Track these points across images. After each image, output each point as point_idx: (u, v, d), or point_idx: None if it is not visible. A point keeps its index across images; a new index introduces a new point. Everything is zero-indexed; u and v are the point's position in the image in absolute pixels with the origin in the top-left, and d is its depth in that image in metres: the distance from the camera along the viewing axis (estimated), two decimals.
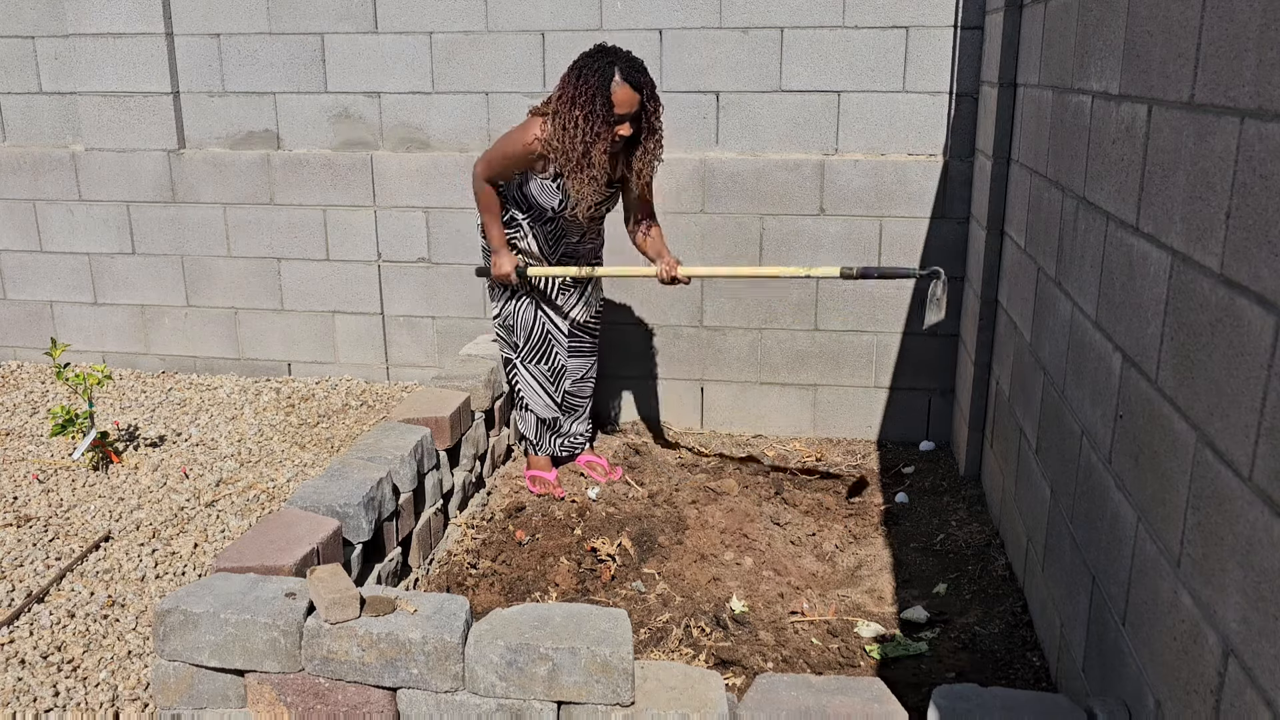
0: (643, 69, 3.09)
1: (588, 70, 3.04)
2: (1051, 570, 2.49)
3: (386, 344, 4.52)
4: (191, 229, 4.55)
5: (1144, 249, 1.88)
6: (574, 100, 3.03)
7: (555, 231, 3.38)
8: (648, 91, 3.09)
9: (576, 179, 3.11)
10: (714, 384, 4.19)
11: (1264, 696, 1.31)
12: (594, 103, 3.02)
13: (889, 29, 3.76)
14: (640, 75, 3.07)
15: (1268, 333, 1.35)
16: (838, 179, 3.88)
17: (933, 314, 3.00)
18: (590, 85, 3.02)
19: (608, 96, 3.02)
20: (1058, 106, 2.62)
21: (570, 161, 3.08)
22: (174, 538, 3.18)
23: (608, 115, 3.03)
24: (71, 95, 4.57)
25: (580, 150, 3.05)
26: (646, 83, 3.09)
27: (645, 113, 3.11)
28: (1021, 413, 2.92)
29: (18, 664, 2.50)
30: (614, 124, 3.06)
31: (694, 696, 1.87)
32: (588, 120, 3.02)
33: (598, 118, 3.02)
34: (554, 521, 3.31)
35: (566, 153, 3.07)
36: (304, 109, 4.34)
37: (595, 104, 3.02)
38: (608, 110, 3.03)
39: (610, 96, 3.02)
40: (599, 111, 3.02)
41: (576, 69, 3.07)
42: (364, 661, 1.94)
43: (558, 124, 3.07)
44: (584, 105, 3.02)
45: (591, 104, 3.02)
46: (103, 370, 3.76)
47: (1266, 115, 1.37)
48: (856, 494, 3.63)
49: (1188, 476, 1.61)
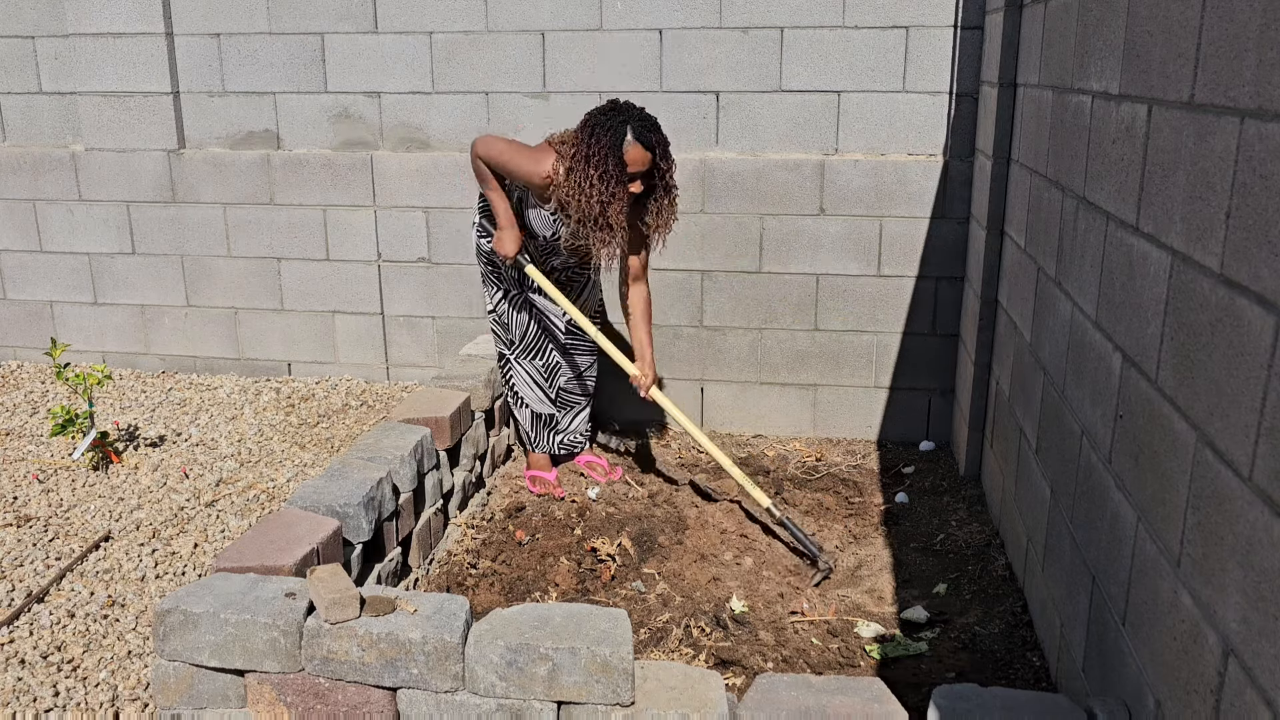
0: (655, 127, 3.09)
1: (600, 129, 3.04)
2: (1051, 570, 2.49)
3: (386, 344, 4.52)
4: (191, 229, 4.55)
5: (1144, 249, 1.88)
6: (588, 159, 3.03)
7: (547, 248, 3.40)
8: (660, 150, 3.09)
9: (595, 237, 3.11)
10: (714, 384, 4.19)
11: (1264, 696, 1.31)
12: (607, 162, 3.01)
13: (889, 29, 3.76)
14: (652, 134, 3.06)
15: (1268, 333, 1.35)
16: (838, 179, 3.88)
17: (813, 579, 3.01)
18: (603, 144, 3.02)
19: (620, 156, 3.02)
20: (1058, 106, 2.62)
21: (588, 220, 3.08)
22: (174, 538, 3.18)
23: (620, 175, 3.03)
24: (71, 95, 4.57)
25: (597, 210, 3.05)
26: (659, 141, 3.09)
27: (658, 171, 3.11)
28: (1021, 413, 2.92)
29: (18, 664, 2.50)
30: (626, 182, 3.06)
31: (694, 696, 1.87)
32: (603, 180, 3.02)
33: (611, 178, 3.02)
34: (554, 521, 3.31)
35: (583, 211, 3.07)
36: (304, 109, 4.34)
37: (609, 164, 3.01)
38: (621, 170, 3.03)
39: (622, 156, 3.02)
40: (612, 172, 3.02)
41: (590, 127, 3.07)
42: (364, 661, 1.94)
43: (573, 180, 3.06)
44: (598, 165, 3.02)
45: (605, 163, 3.01)
46: (103, 370, 3.76)
47: (1266, 115, 1.37)
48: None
49: (1188, 476, 1.61)
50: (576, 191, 3.05)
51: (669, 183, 3.16)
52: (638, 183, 3.09)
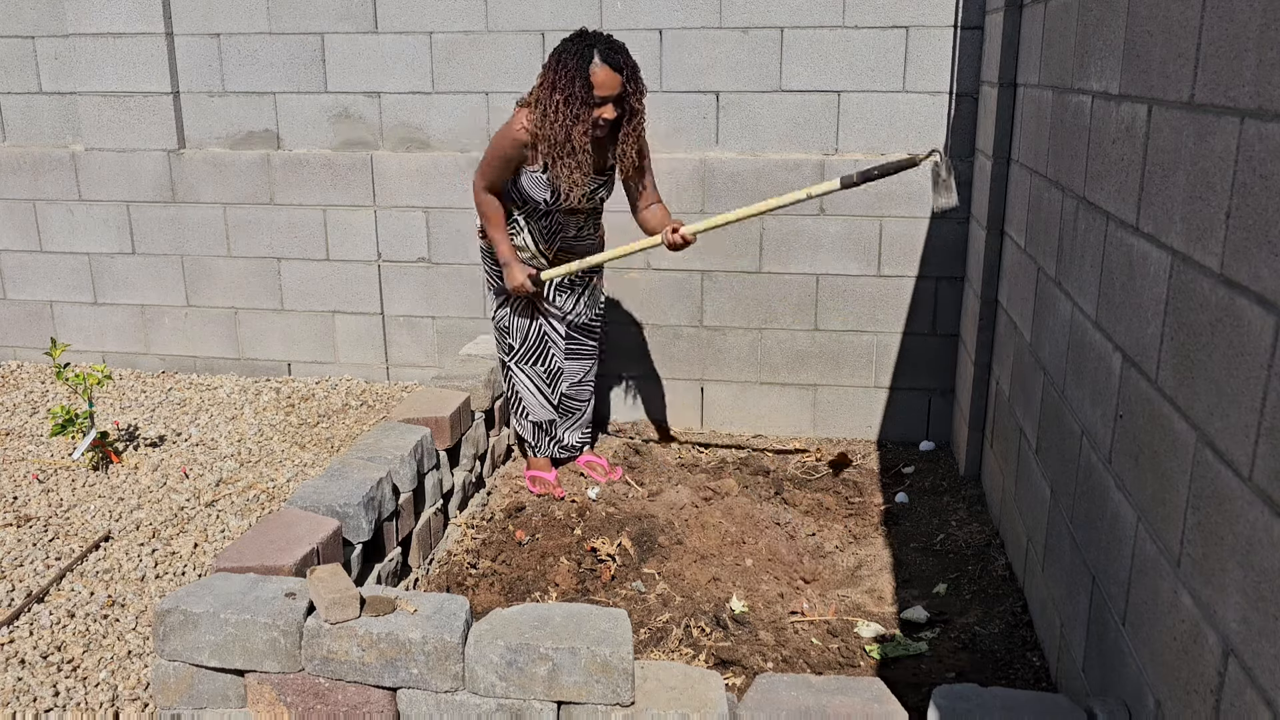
0: (623, 50, 3.06)
1: (567, 54, 3.03)
2: (1051, 570, 2.49)
3: (386, 344, 4.52)
4: (191, 229, 4.55)
5: (1144, 249, 1.88)
6: (554, 85, 3.01)
7: (551, 226, 3.36)
8: (628, 73, 3.05)
9: (562, 165, 3.08)
10: (714, 384, 4.19)
11: (1264, 696, 1.31)
12: (573, 85, 2.99)
13: (889, 29, 3.76)
14: (620, 56, 3.04)
15: (1268, 333, 1.35)
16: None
17: (941, 197, 2.83)
18: (569, 68, 3.00)
19: (587, 78, 2.99)
20: (1058, 106, 2.62)
21: (553, 147, 3.06)
22: (174, 538, 3.18)
23: (587, 97, 3.00)
24: (71, 95, 4.57)
25: (562, 135, 3.02)
26: (627, 64, 3.05)
27: (626, 94, 3.08)
28: (1021, 413, 2.92)
29: (18, 664, 2.50)
30: (594, 105, 3.03)
31: (694, 696, 1.87)
32: (568, 104, 3.00)
33: (577, 100, 3.00)
34: (554, 521, 3.31)
35: (549, 139, 3.05)
36: (304, 109, 4.34)
37: (574, 86, 2.99)
38: (587, 92, 3.00)
39: (590, 78, 2.99)
40: (578, 94, 3.00)
41: (556, 54, 3.06)
42: (364, 661, 1.94)
43: (539, 111, 3.05)
44: (563, 89, 3.00)
45: (570, 86, 2.99)
46: (103, 370, 3.76)
47: (1266, 115, 1.37)
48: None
49: (1188, 476, 1.61)
50: (543, 120, 3.03)
51: (635, 107, 3.11)
52: (609, 107, 3.05)
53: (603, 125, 3.09)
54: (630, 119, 3.14)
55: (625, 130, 3.15)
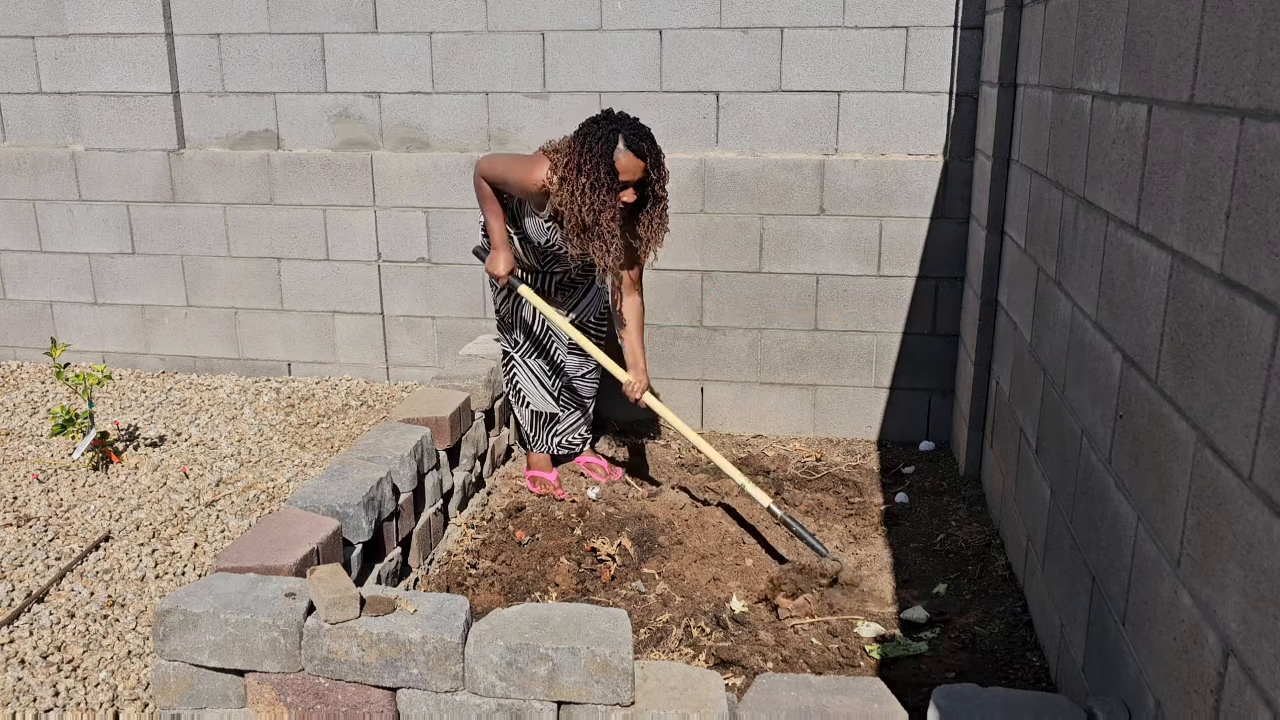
0: (648, 136, 3.07)
1: (591, 138, 3.02)
2: (1051, 570, 2.49)
3: (386, 344, 4.52)
4: (191, 229, 4.55)
5: (1144, 249, 1.88)
6: (580, 168, 3.01)
7: (547, 254, 3.39)
8: (652, 159, 3.06)
9: (591, 247, 3.09)
10: (714, 384, 4.19)
11: (1264, 696, 1.31)
12: (598, 171, 2.99)
13: (889, 29, 3.76)
14: (644, 143, 3.04)
15: (1268, 333, 1.35)
16: (838, 179, 3.88)
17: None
18: (594, 153, 3.00)
19: (611, 164, 3.00)
20: (1058, 106, 2.62)
21: (582, 229, 3.07)
22: (174, 538, 3.18)
23: (612, 184, 3.01)
24: (71, 95, 4.57)
25: (590, 219, 3.03)
26: (651, 150, 3.06)
27: (649, 180, 3.09)
28: (1021, 413, 2.92)
29: (18, 664, 2.50)
30: (618, 190, 3.04)
31: (694, 696, 1.87)
32: (594, 189, 3.00)
33: (603, 186, 3.00)
34: (554, 521, 3.31)
35: (577, 220, 3.05)
36: (304, 109, 4.34)
37: (599, 172, 2.99)
38: (612, 179, 3.00)
39: (614, 164, 3.00)
40: (604, 180, 2.99)
41: (581, 136, 3.05)
42: (364, 661, 1.94)
43: (565, 190, 3.05)
44: (589, 173, 2.99)
45: (596, 172, 2.99)
46: (103, 370, 3.76)
47: (1266, 115, 1.37)
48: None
49: (1188, 476, 1.61)
50: (569, 200, 3.04)
51: (659, 194, 3.13)
52: (630, 191, 3.07)
53: (623, 206, 3.10)
54: (654, 204, 3.14)
55: (649, 215, 3.15)
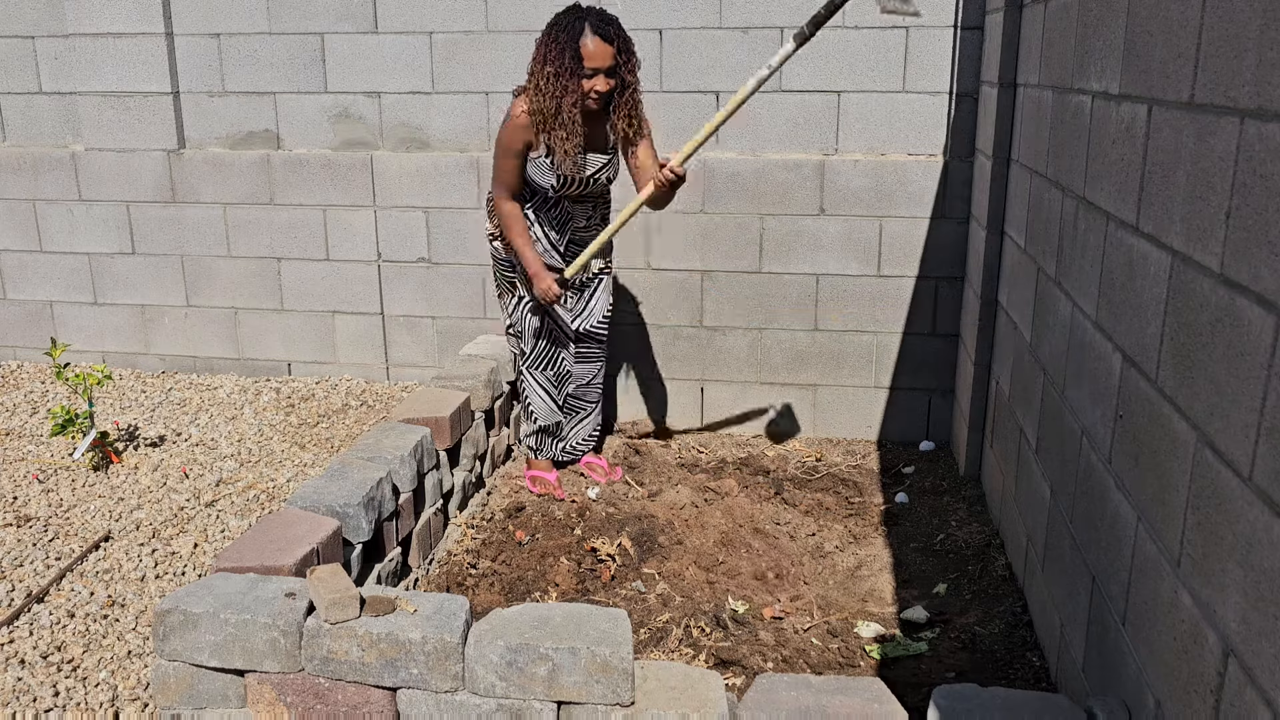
0: (615, 22, 3.06)
1: (558, 28, 3.03)
2: (1051, 570, 2.49)
3: (386, 344, 4.52)
4: (191, 229, 4.55)
5: (1144, 249, 1.88)
6: (545, 58, 3.02)
7: (560, 216, 3.34)
8: (619, 44, 3.05)
9: (554, 136, 3.07)
10: (714, 384, 4.19)
11: (1264, 696, 1.31)
12: (563, 57, 3.00)
13: (889, 29, 3.76)
14: (611, 28, 3.03)
15: (1268, 333, 1.35)
16: (838, 179, 3.88)
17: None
18: (560, 41, 3.01)
19: (576, 50, 3.00)
20: (1058, 106, 2.62)
21: (545, 120, 3.05)
22: (174, 538, 3.18)
23: (577, 69, 3.01)
24: (71, 95, 4.57)
25: (552, 106, 3.02)
26: (618, 35, 3.05)
27: (618, 66, 3.07)
28: (1021, 413, 2.92)
29: (18, 664, 2.50)
30: (584, 77, 3.02)
31: (694, 696, 1.87)
32: (558, 76, 3.00)
33: (567, 71, 3.00)
34: (554, 521, 3.31)
35: (541, 112, 3.05)
36: (304, 109, 4.34)
37: (565, 58, 3.00)
38: (577, 64, 3.00)
39: (580, 50, 3.00)
40: (568, 65, 3.00)
41: (549, 27, 3.06)
42: (364, 661, 1.94)
43: (532, 86, 3.06)
44: (554, 60, 3.00)
45: (561, 58, 3.00)
46: (103, 370, 3.76)
47: (1266, 115, 1.37)
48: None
49: (1188, 476, 1.61)
50: (536, 94, 3.04)
51: (627, 79, 3.10)
52: (600, 78, 3.04)
53: (595, 97, 3.08)
54: (623, 91, 3.12)
55: (617, 102, 3.14)
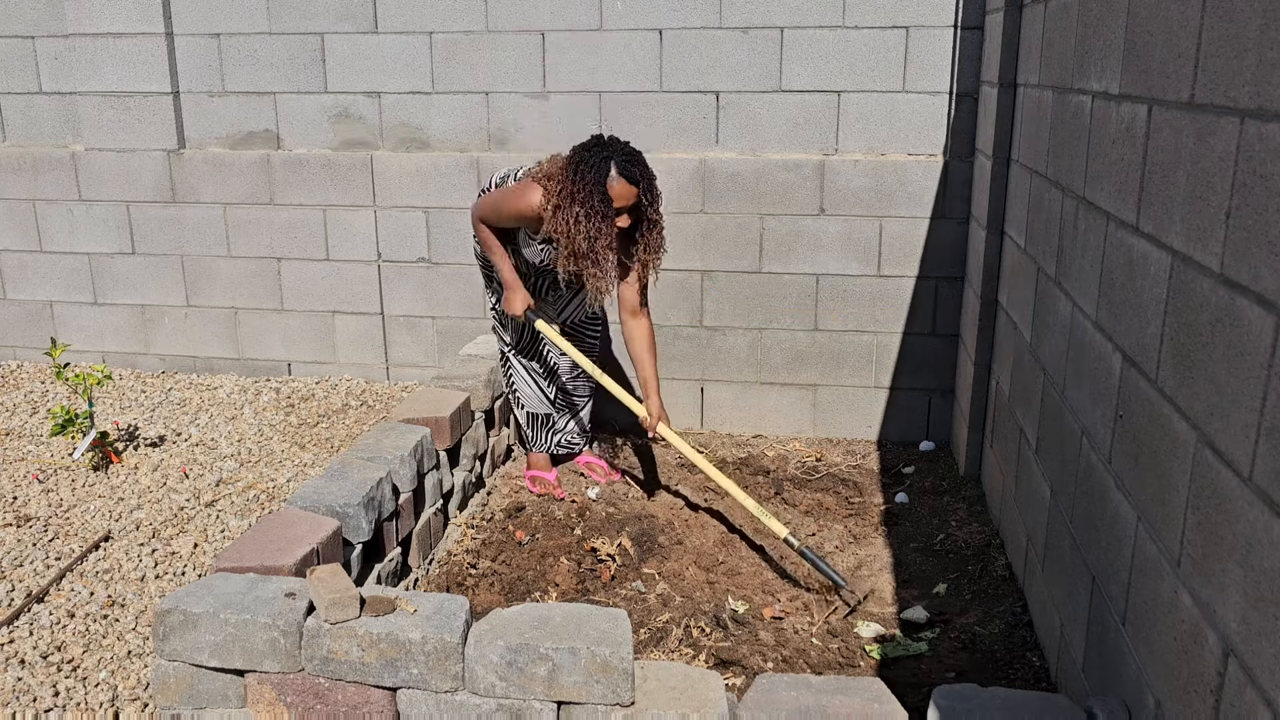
0: (640, 161, 3.06)
1: (585, 166, 3.01)
2: (1051, 570, 2.49)
3: (386, 344, 4.52)
4: (191, 229, 4.55)
5: (1144, 249, 1.88)
6: (574, 196, 3.00)
7: (541, 271, 3.40)
8: (644, 184, 3.05)
9: (587, 274, 3.09)
10: (714, 384, 4.19)
11: (1264, 696, 1.31)
12: (592, 199, 2.98)
13: (889, 29, 3.76)
14: (636, 169, 3.03)
15: (1268, 333, 1.35)
16: (838, 179, 3.88)
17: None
18: (588, 181, 2.99)
19: (605, 192, 2.99)
20: (1058, 106, 2.62)
21: (577, 256, 3.06)
22: (174, 538, 3.18)
23: (606, 210, 3.00)
24: (71, 95, 4.57)
25: (585, 247, 3.02)
26: (644, 174, 3.05)
27: (642, 205, 3.08)
28: (1021, 413, 2.92)
29: (18, 664, 2.50)
30: (612, 217, 3.03)
31: (694, 696, 1.87)
32: (589, 217, 2.99)
33: (598, 214, 2.99)
34: (554, 521, 3.31)
35: (573, 248, 3.05)
36: (304, 109, 4.34)
37: (594, 200, 2.98)
38: (606, 205, 3.00)
39: (607, 192, 2.99)
40: (598, 208, 2.99)
41: (574, 164, 3.04)
42: (364, 661, 1.94)
43: (560, 218, 3.04)
44: (584, 201, 2.99)
45: (590, 200, 2.98)
46: (103, 370, 3.76)
47: (1266, 115, 1.37)
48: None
49: (1188, 476, 1.61)
50: (564, 229, 3.03)
51: (653, 217, 3.12)
52: (624, 216, 3.07)
53: (617, 231, 3.09)
54: (649, 229, 3.13)
55: (644, 240, 3.14)
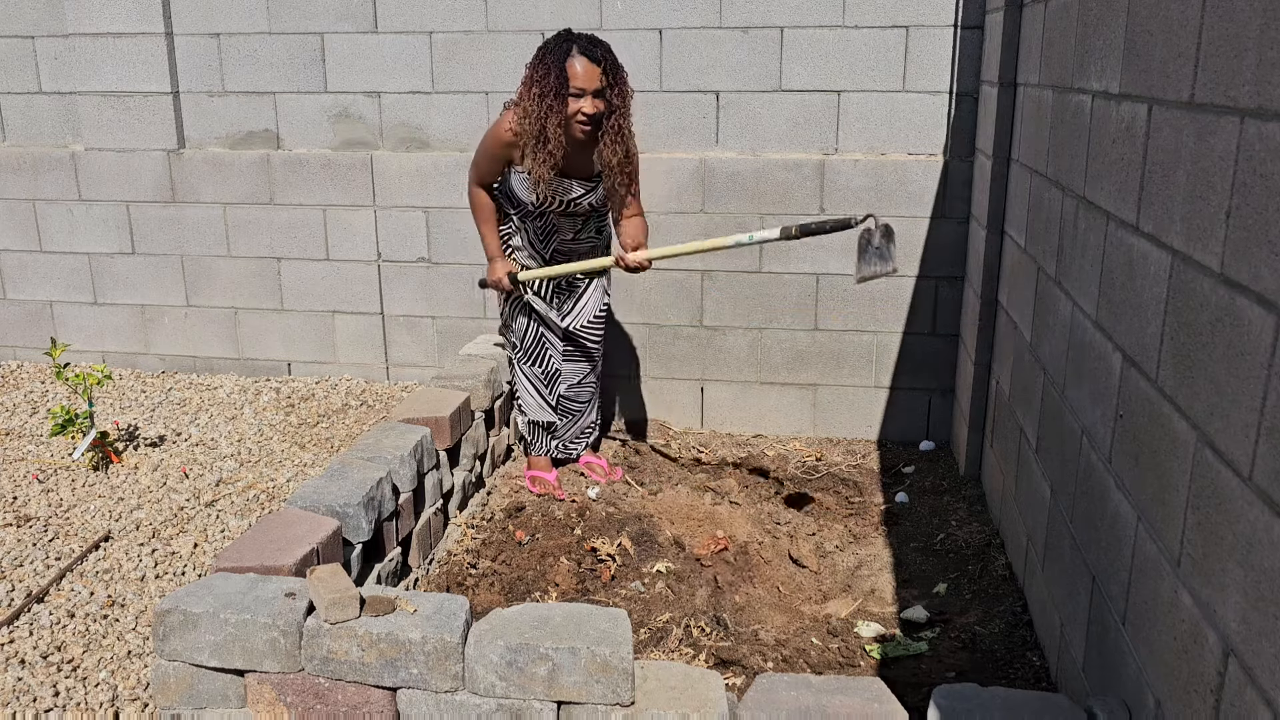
0: (603, 45, 3.06)
1: (547, 51, 3.04)
2: (1051, 570, 2.49)
3: (386, 344, 4.52)
4: (191, 229, 4.55)
5: (1144, 249, 1.88)
6: (532, 80, 3.03)
7: (545, 228, 3.36)
8: (608, 64, 3.03)
9: (532, 158, 3.07)
10: (714, 384, 4.19)
11: (1264, 696, 1.31)
12: (549, 78, 3.00)
13: (889, 29, 3.76)
14: (598, 50, 3.02)
15: (1268, 333, 1.35)
16: (838, 178, 3.88)
17: (869, 266, 2.71)
18: (546, 64, 3.01)
19: (563, 70, 3.00)
20: (1058, 106, 2.62)
21: (529, 140, 3.05)
22: (174, 538, 3.18)
23: (561, 89, 3.00)
24: (71, 95, 4.57)
25: (536, 127, 3.02)
26: (606, 57, 3.04)
27: (606, 88, 3.05)
28: (1021, 412, 2.92)
29: (18, 664, 2.50)
30: (569, 97, 3.01)
31: (694, 696, 1.87)
32: (543, 96, 3.00)
33: (551, 91, 3.00)
34: (554, 521, 3.31)
35: (526, 133, 3.05)
36: (304, 109, 4.34)
37: (550, 78, 3.00)
38: (562, 84, 3.00)
39: (565, 70, 3.00)
40: (553, 85, 3.00)
41: (538, 51, 3.07)
42: (364, 661, 1.94)
43: (520, 109, 3.06)
44: (540, 82, 3.01)
45: (546, 79, 3.00)
46: (103, 370, 3.76)
47: (1266, 115, 1.37)
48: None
49: (1188, 476, 1.61)
50: (524, 116, 3.04)
51: (615, 103, 3.07)
52: (588, 99, 3.03)
53: (583, 120, 3.06)
54: (609, 115, 3.09)
55: (605, 126, 3.10)
